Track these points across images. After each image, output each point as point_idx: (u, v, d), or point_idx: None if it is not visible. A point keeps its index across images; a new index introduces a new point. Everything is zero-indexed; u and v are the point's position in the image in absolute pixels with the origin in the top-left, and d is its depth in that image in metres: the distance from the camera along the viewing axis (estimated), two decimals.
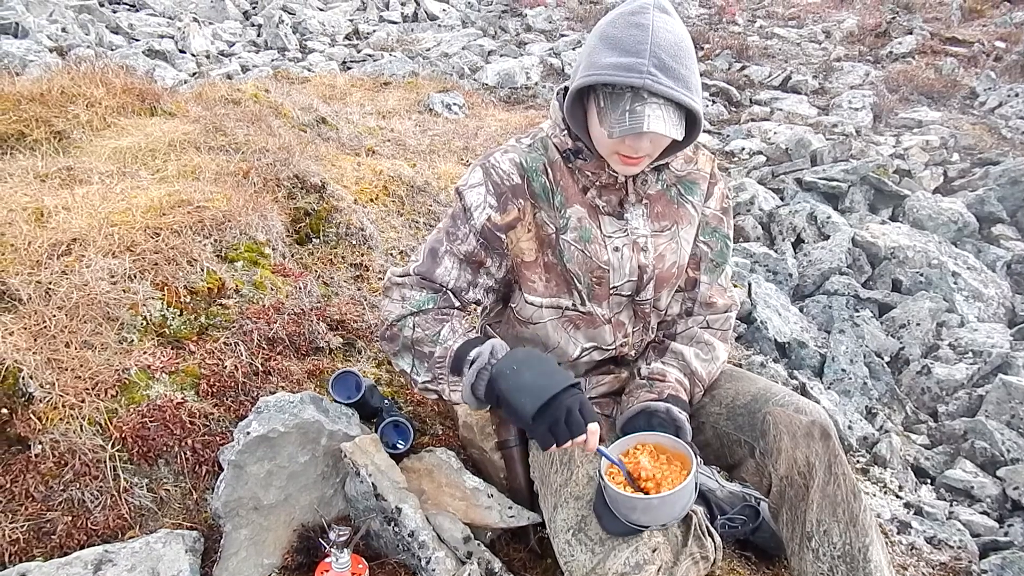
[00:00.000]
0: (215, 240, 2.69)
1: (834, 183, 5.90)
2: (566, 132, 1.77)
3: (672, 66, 1.54)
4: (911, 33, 9.41)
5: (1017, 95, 7.56)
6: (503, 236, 1.81)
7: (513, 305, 1.94)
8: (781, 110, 7.75)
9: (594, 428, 1.60)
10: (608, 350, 1.96)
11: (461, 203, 1.81)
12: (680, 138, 1.59)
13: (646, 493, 1.63)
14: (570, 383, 1.59)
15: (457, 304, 1.85)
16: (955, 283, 4.69)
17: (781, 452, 1.80)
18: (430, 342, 1.76)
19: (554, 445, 1.59)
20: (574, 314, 1.89)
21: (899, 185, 5.96)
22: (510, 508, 2.07)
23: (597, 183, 1.80)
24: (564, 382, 1.59)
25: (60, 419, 1.99)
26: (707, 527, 1.96)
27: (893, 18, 9.78)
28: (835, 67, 8.73)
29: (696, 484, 1.65)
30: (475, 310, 2.01)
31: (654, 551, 1.68)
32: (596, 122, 1.65)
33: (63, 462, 1.94)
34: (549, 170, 1.81)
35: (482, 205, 1.79)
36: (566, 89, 1.78)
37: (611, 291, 1.86)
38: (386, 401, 2.36)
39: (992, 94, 7.72)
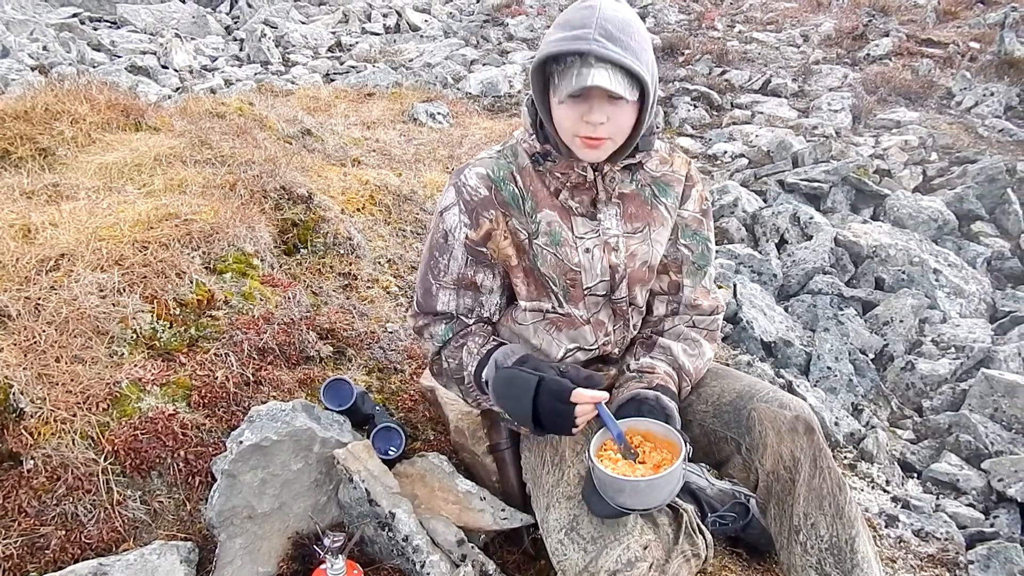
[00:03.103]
0: (203, 252, 2.70)
1: (816, 184, 5.96)
2: (534, 136, 1.80)
3: (619, 36, 1.58)
4: (887, 35, 9.53)
5: (992, 94, 7.67)
6: (484, 249, 1.85)
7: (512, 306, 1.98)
8: (762, 113, 7.82)
9: (577, 395, 1.62)
10: (591, 350, 1.99)
11: (442, 227, 1.86)
12: (628, 97, 1.60)
13: (640, 473, 1.63)
14: (532, 390, 1.65)
15: (472, 322, 1.90)
16: (936, 280, 4.76)
17: (767, 447, 1.82)
18: (459, 370, 1.87)
19: (574, 429, 1.65)
20: (555, 316, 1.92)
21: (879, 185, 6.03)
22: (503, 510, 2.09)
23: (568, 184, 1.82)
24: (527, 396, 1.65)
25: (52, 434, 1.99)
26: (698, 524, 1.98)
27: (869, 21, 9.90)
28: (814, 70, 8.83)
29: (683, 471, 1.65)
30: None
31: (645, 548, 1.70)
32: (555, 108, 1.68)
33: (56, 476, 1.94)
34: (518, 176, 1.84)
35: (458, 225, 1.84)
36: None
37: (585, 292, 1.89)
38: (377, 408, 2.38)
39: (968, 94, 7.83)
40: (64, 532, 1.89)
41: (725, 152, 6.96)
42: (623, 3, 1.67)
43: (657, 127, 1.87)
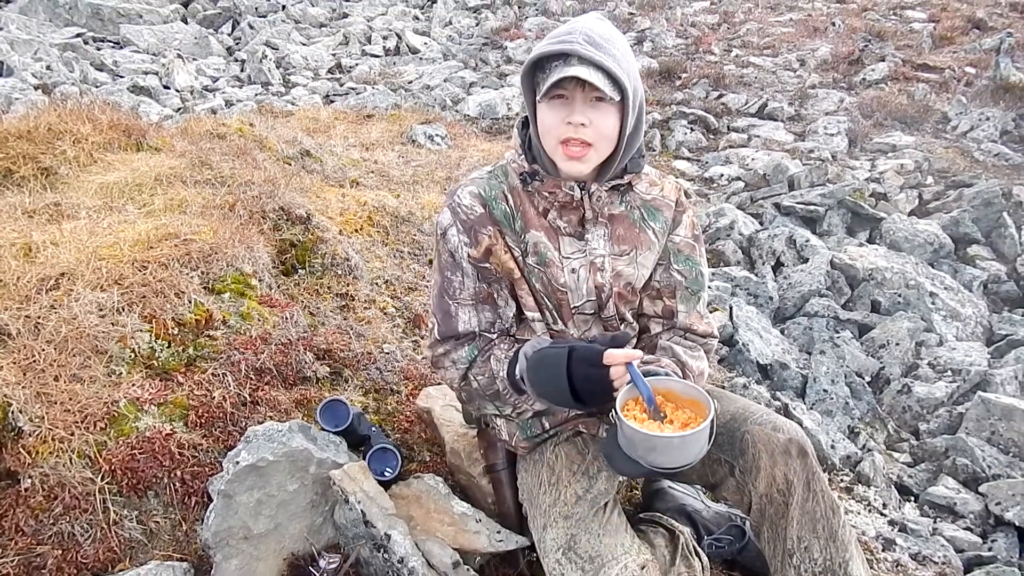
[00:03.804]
0: (202, 272, 2.72)
1: (812, 207, 5.99)
2: (523, 156, 1.83)
3: (601, 43, 1.63)
4: (883, 60, 9.62)
5: (988, 119, 7.73)
6: (487, 264, 1.86)
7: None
8: (758, 137, 7.88)
9: (609, 356, 1.60)
10: None
11: (447, 247, 1.86)
12: (609, 94, 1.62)
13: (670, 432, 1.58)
14: (564, 362, 1.64)
15: (495, 336, 1.90)
16: (933, 303, 4.77)
17: (760, 470, 1.83)
18: (490, 383, 1.85)
19: (614, 394, 1.62)
20: (552, 331, 1.94)
21: (875, 208, 6.07)
22: (498, 532, 2.09)
23: (555, 203, 1.84)
24: (561, 369, 1.63)
25: (50, 452, 2.00)
26: (694, 547, 1.99)
27: (865, 46, 10.00)
28: (810, 94, 8.90)
29: (714, 427, 1.59)
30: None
31: (643, 568, 1.71)
32: (540, 114, 1.72)
33: (53, 495, 1.95)
34: (509, 196, 1.87)
35: (459, 246, 1.85)
36: (525, 119, 1.86)
37: (573, 311, 1.90)
38: (374, 429, 2.38)
39: (964, 118, 7.89)
40: (61, 552, 1.89)
41: (721, 175, 7.00)
42: (607, 22, 1.73)
43: (650, 150, 1.90)
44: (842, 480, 3.22)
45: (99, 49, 11.25)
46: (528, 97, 1.75)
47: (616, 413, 1.59)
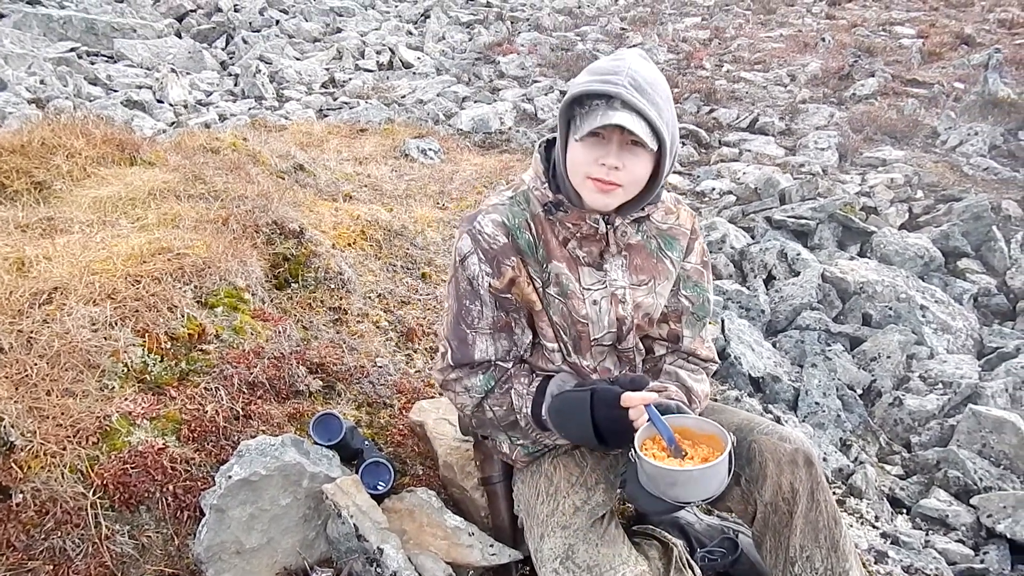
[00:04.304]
0: (195, 286, 2.72)
1: (803, 221, 6.04)
2: (546, 185, 1.80)
3: (646, 89, 1.63)
4: (873, 75, 9.71)
5: (976, 133, 7.80)
6: (509, 295, 1.85)
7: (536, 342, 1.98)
8: (749, 151, 7.93)
9: (627, 399, 1.67)
10: None
11: (465, 275, 1.83)
12: (649, 144, 1.62)
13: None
14: (588, 406, 1.71)
15: (511, 365, 1.91)
16: (923, 316, 4.80)
17: (767, 479, 1.84)
18: (507, 415, 1.89)
19: (636, 436, 1.67)
20: (567, 361, 1.94)
21: (866, 222, 6.12)
22: (491, 546, 2.09)
23: (578, 234, 1.82)
24: (584, 414, 1.71)
25: (41, 467, 1.99)
26: (687, 559, 2.00)
27: (855, 61, 10.09)
28: (801, 109, 8.97)
29: (733, 459, 1.63)
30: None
31: None
32: (572, 148, 1.70)
33: (44, 510, 1.94)
34: (532, 224, 1.84)
35: (479, 274, 1.82)
36: (548, 142, 1.85)
37: (592, 343, 1.90)
38: (367, 442, 2.38)
39: (952, 133, 7.97)
40: (52, 567, 1.88)
41: (713, 189, 7.05)
42: (651, 63, 1.72)
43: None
44: (835, 493, 3.23)
45: (93, 63, 11.26)
46: (562, 127, 1.74)
47: (635, 452, 1.64)
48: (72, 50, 11.52)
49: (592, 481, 1.92)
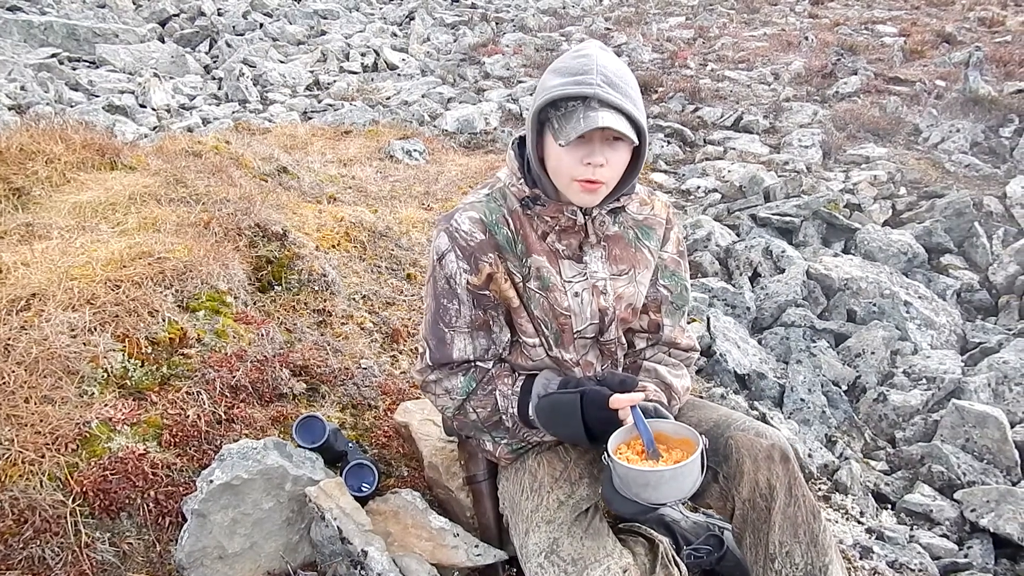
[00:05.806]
0: (176, 290, 2.70)
1: (787, 218, 6.06)
2: (522, 180, 1.82)
3: (619, 84, 1.64)
4: (856, 74, 9.76)
5: (958, 131, 7.85)
6: (487, 292, 1.86)
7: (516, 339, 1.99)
8: (734, 149, 7.95)
9: (615, 401, 1.69)
10: None
11: (443, 273, 1.84)
12: (635, 140, 1.65)
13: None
14: (578, 408, 1.72)
15: (491, 364, 1.92)
16: (907, 312, 4.83)
17: (743, 475, 1.84)
18: (491, 416, 1.89)
19: (610, 440, 1.69)
20: (549, 356, 1.94)
21: (850, 219, 6.14)
22: (476, 547, 2.08)
23: (556, 227, 1.84)
24: (575, 415, 1.72)
25: (19, 475, 1.97)
26: (673, 556, 2.00)
27: (838, 60, 10.14)
28: (784, 107, 9.01)
29: (705, 461, 1.65)
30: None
31: (625, 572, 1.73)
32: (553, 151, 1.71)
33: (23, 519, 1.92)
34: (509, 219, 1.85)
35: (457, 272, 1.83)
36: (521, 139, 1.86)
37: (575, 335, 1.91)
38: (351, 444, 2.37)
39: (935, 130, 8.01)
40: None
41: (698, 187, 7.06)
42: (612, 53, 1.73)
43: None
44: (819, 489, 3.24)
45: (75, 69, 11.18)
46: (534, 126, 1.74)
47: (608, 455, 1.65)
48: (53, 56, 11.43)
49: (575, 475, 1.92)
